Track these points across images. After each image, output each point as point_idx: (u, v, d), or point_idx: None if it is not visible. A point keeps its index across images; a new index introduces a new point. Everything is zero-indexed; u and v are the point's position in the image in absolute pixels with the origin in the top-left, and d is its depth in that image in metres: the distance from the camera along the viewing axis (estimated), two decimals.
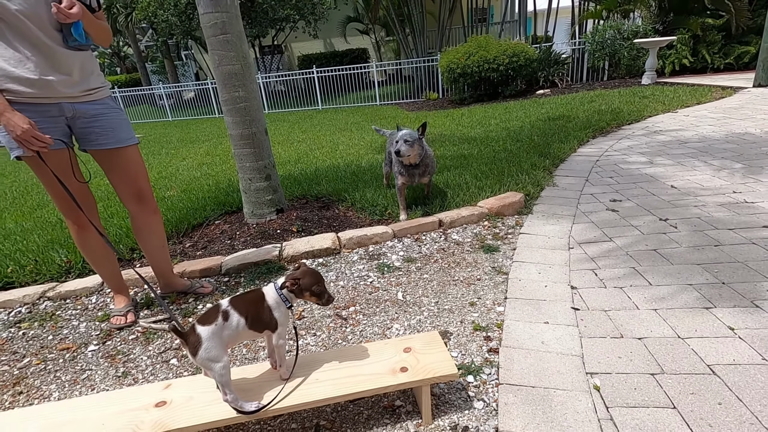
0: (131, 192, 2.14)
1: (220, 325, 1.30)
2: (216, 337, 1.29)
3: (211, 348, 1.28)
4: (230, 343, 1.35)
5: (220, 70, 3.07)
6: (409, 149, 2.92)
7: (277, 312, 1.40)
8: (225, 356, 1.30)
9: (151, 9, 12.52)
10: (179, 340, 1.30)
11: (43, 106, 1.84)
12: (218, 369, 1.29)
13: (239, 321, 1.34)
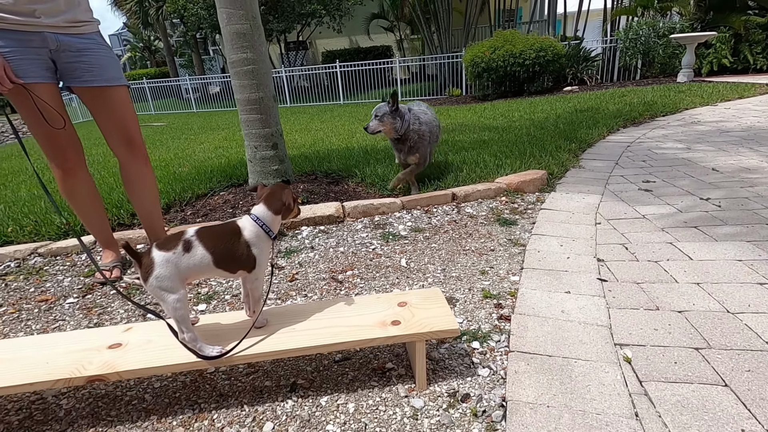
0: (120, 136, 2.00)
1: (178, 255, 1.11)
2: (171, 265, 1.10)
3: (164, 277, 1.09)
4: (190, 277, 1.16)
5: (228, 29, 2.94)
6: (379, 124, 2.71)
7: (256, 248, 1.21)
8: (181, 289, 1.12)
9: (180, 2, 12.75)
10: (133, 261, 1.12)
11: (25, 34, 1.72)
12: (171, 301, 1.10)
13: (203, 256, 1.14)
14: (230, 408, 1.21)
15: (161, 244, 1.13)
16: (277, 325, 1.27)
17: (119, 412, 1.24)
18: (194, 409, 1.22)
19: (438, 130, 3.05)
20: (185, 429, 1.16)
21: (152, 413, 1.22)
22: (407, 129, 2.75)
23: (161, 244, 1.13)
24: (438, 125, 3.05)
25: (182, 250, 1.12)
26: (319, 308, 1.35)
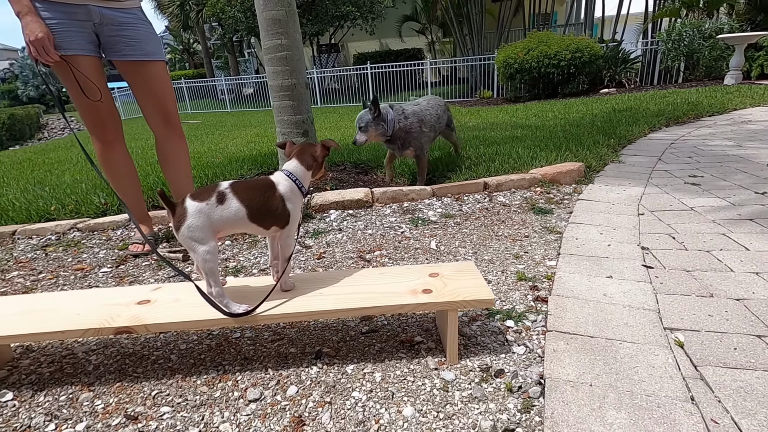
0: (157, 111, 2.04)
1: (211, 206, 1.10)
2: (203, 216, 1.09)
3: (196, 227, 1.08)
4: (222, 229, 1.14)
5: (263, 15, 2.98)
6: (364, 135, 2.65)
7: (290, 203, 1.19)
8: (212, 240, 1.10)
9: (219, 5, 13.17)
10: (166, 209, 1.11)
11: (71, 7, 1.78)
12: (201, 252, 1.09)
13: (238, 209, 1.12)
14: (254, 371, 1.19)
15: (195, 194, 1.11)
16: (304, 290, 1.23)
17: (145, 369, 1.23)
18: (218, 371, 1.20)
19: (438, 117, 2.93)
20: (209, 387, 1.13)
21: (177, 372, 1.21)
22: (393, 129, 2.67)
23: (195, 194, 1.11)
24: (439, 112, 2.94)
25: (216, 201, 1.10)
26: (348, 275, 1.31)
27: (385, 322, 1.39)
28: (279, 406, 1.06)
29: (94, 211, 2.91)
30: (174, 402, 1.09)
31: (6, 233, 2.57)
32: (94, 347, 1.36)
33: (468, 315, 1.40)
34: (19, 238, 2.54)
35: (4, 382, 1.22)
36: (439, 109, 2.98)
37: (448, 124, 3.19)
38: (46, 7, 1.74)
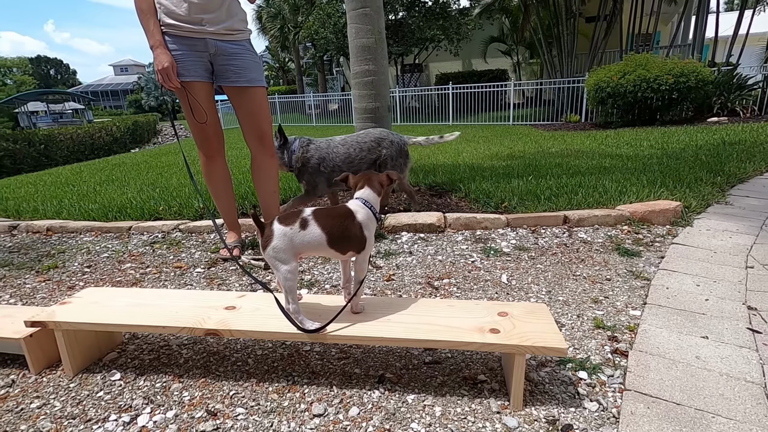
0: (254, 131, 2.26)
1: (294, 230, 1.20)
2: (287, 239, 1.18)
3: (280, 249, 1.18)
4: (303, 252, 1.23)
5: (354, 43, 3.17)
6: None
7: (367, 230, 1.26)
8: (293, 261, 1.19)
9: (314, 27, 14.19)
10: (257, 228, 1.23)
11: (192, 40, 2.06)
12: (283, 271, 1.18)
13: (320, 234, 1.21)
14: (320, 386, 1.25)
15: (282, 218, 1.22)
16: (373, 314, 1.28)
17: (226, 369, 1.36)
18: (288, 381, 1.28)
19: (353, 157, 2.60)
20: (279, 396, 1.22)
21: (252, 376, 1.31)
22: (293, 161, 2.53)
23: (282, 218, 1.22)
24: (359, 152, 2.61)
25: (299, 227, 1.20)
26: (415, 305, 1.33)
27: (449, 355, 1.38)
28: (340, 425, 1.10)
29: (193, 214, 3.27)
30: (248, 405, 1.19)
31: (123, 228, 2.98)
32: (186, 342, 1.53)
33: (536, 359, 1.35)
34: (133, 234, 2.93)
35: (114, 363, 1.42)
36: (363, 148, 2.63)
37: (385, 163, 2.68)
38: (173, 40, 2.04)
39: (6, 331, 1.38)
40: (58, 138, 12.84)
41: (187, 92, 2.07)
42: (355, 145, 2.63)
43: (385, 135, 2.70)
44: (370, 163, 2.66)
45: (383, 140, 2.67)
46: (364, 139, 2.66)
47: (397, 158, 2.70)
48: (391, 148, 2.67)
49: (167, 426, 1.12)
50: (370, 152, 2.64)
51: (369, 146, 2.64)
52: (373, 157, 2.65)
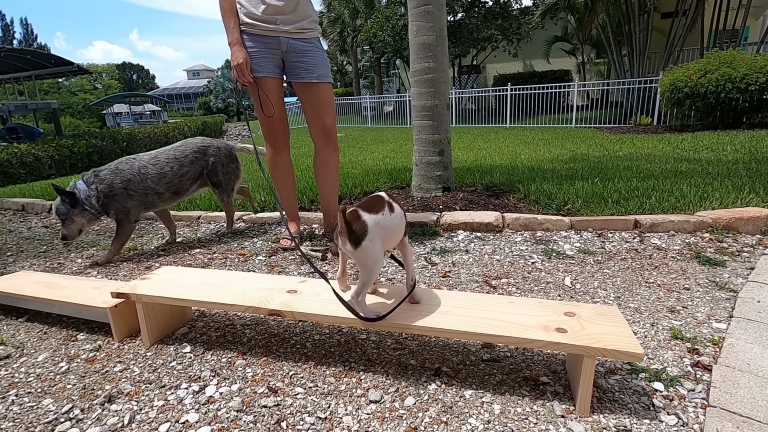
0: (319, 126, 2.33)
1: (385, 216, 1.15)
2: (380, 228, 1.13)
3: (375, 239, 1.11)
4: (389, 239, 1.19)
5: (415, 40, 3.17)
6: (73, 227, 2.27)
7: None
8: (382, 253, 1.18)
9: (373, 30, 14.41)
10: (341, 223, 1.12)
11: (267, 38, 2.16)
12: (371, 264, 1.14)
13: (401, 216, 1.21)
14: (376, 374, 1.25)
15: (365, 207, 1.15)
16: (430, 306, 1.26)
17: (285, 350, 1.40)
18: (345, 366, 1.30)
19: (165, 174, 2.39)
20: (335, 379, 1.24)
21: (310, 359, 1.34)
22: (95, 202, 2.27)
23: (365, 207, 1.15)
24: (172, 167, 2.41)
25: (388, 211, 1.16)
26: (474, 299, 1.30)
27: (508, 354, 1.33)
28: (396, 413, 1.10)
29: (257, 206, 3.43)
30: (306, 385, 1.22)
31: (193, 217, 3.19)
32: (248, 322, 1.60)
33: (605, 365, 1.26)
34: (202, 222, 3.13)
35: (185, 337, 1.52)
36: (183, 162, 2.44)
37: (215, 171, 2.54)
38: (250, 38, 2.16)
39: (96, 301, 1.53)
40: (137, 137, 14.05)
41: (258, 87, 2.17)
42: (171, 162, 2.42)
43: (209, 143, 2.58)
44: (196, 175, 2.51)
45: (208, 148, 2.54)
46: (184, 152, 2.48)
47: (228, 164, 2.61)
48: (219, 155, 2.57)
49: (232, 398, 1.18)
50: (194, 164, 2.49)
51: (191, 158, 2.48)
52: (198, 169, 2.51)
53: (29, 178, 10.07)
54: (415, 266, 2.08)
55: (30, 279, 1.82)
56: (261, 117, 2.30)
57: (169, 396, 1.20)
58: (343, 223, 1.12)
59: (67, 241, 2.32)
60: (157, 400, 1.19)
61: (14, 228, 3.35)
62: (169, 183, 2.41)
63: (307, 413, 1.10)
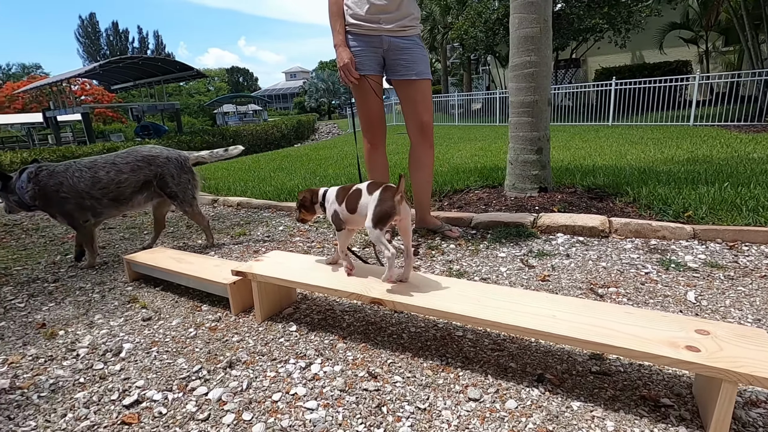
0: (416, 122, 2.35)
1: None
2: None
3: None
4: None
5: (516, 33, 3.04)
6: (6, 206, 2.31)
7: None
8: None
9: (464, 27, 14.13)
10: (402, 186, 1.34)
11: (370, 38, 2.23)
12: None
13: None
14: (474, 372, 1.24)
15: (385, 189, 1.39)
16: (535, 308, 1.21)
17: (383, 339, 1.44)
18: (441, 361, 1.30)
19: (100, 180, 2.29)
20: (433, 373, 1.24)
21: (407, 350, 1.37)
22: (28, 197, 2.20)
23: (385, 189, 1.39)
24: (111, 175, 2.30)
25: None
26: (586, 306, 1.22)
27: (621, 369, 1.23)
28: (497, 414, 1.07)
29: None
30: (405, 375, 1.24)
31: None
32: (347, 309, 1.68)
33: (743, 395, 1.10)
34: None
35: (291, 317, 1.64)
36: (123, 169, 2.33)
37: (165, 182, 2.41)
38: (354, 38, 2.25)
39: (217, 277, 1.72)
40: (242, 133, 15.47)
41: (368, 81, 2.25)
42: (108, 167, 2.33)
43: (158, 152, 2.45)
44: (139, 185, 2.39)
45: (156, 158, 2.42)
46: (125, 159, 2.37)
47: (180, 175, 2.47)
48: (168, 165, 2.43)
49: (335, 377, 1.24)
50: (135, 172, 2.37)
51: (133, 166, 2.37)
52: (141, 178, 2.39)
53: None
54: (511, 267, 2.00)
55: (165, 254, 2.11)
56: (362, 112, 2.39)
57: (279, 369, 1.31)
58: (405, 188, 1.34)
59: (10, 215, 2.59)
60: (269, 371, 1.30)
61: (148, 211, 3.89)
62: (104, 188, 2.32)
63: (406, 402, 1.13)
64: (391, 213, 1.32)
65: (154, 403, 1.18)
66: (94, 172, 2.30)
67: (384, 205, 1.33)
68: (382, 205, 1.33)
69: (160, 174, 2.40)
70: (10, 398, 1.24)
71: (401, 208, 1.33)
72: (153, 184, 2.43)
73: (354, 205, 1.43)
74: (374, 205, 1.35)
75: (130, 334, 1.59)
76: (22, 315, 1.82)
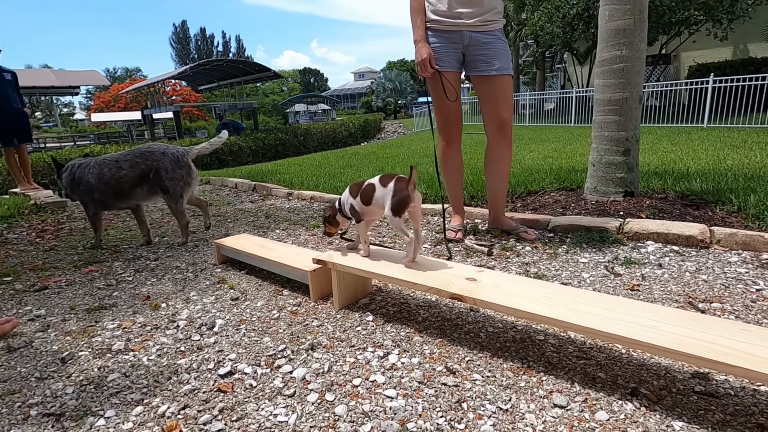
0: (494, 119, 2.30)
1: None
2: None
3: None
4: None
5: (606, 26, 2.85)
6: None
7: None
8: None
9: (539, 23, 13.52)
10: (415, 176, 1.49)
11: (451, 33, 2.22)
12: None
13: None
14: (559, 378, 1.18)
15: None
16: (630, 316, 1.13)
17: (459, 335, 1.43)
18: (523, 363, 1.26)
19: (102, 176, 2.53)
20: (514, 375, 1.21)
21: (485, 349, 1.34)
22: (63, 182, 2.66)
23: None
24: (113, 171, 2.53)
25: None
26: (691, 318, 1.11)
27: (731, 392, 1.10)
28: (587, 424, 1.01)
29: None
30: (484, 374, 1.22)
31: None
32: (421, 303, 1.69)
33: None
34: None
35: (366, 307, 1.68)
36: (122, 166, 2.53)
37: (159, 176, 2.53)
38: (434, 34, 2.25)
39: (299, 264, 1.80)
40: (312, 131, 16.11)
41: (442, 77, 2.24)
42: (111, 164, 2.55)
43: (155, 148, 2.60)
44: (138, 179, 2.55)
45: (152, 153, 2.57)
46: (126, 156, 2.58)
47: (175, 170, 2.58)
48: (164, 160, 2.56)
49: (413, 369, 1.26)
50: (133, 168, 2.54)
51: (132, 162, 2.54)
52: (138, 173, 2.55)
53: (234, 163, 12.52)
54: (594, 274, 1.89)
55: (250, 240, 2.26)
56: (438, 109, 2.38)
57: (358, 355, 1.35)
58: (416, 178, 1.48)
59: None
60: (348, 356, 1.34)
61: (231, 201, 4.20)
62: (107, 183, 2.54)
63: (487, 401, 1.11)
64: (407, 201, 1.48)
65: (245, 376, 1.27)
66: (100, 168, 2.56)
67: (400, 195, 1.48)
68: (399, 195, 1.48)
69: (155, 168, 2.55)
70: (125, 358, 1.40)
71: (414, 196, 1.50)
72: (150, 178, 2.58)
73: (369, 197, 1.57)
74: (391, 196, 1.50)
75: (221, 311, 1.72)
76: (130, 287, 2.04)
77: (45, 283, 2.13)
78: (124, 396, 1.20)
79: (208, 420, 1.08)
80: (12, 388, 1.26)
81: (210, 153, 2.78)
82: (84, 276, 2.23)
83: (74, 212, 3.42)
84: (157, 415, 1.11)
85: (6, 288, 2.11)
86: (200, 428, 1.06)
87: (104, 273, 2.26)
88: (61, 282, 2.15)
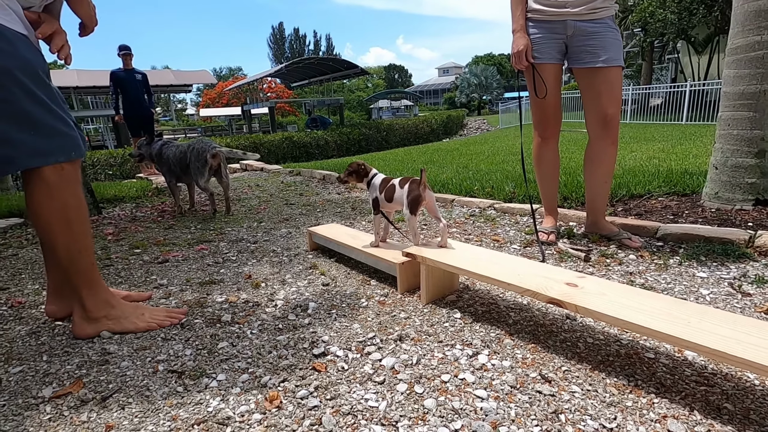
0: (598, 114, 2.12)
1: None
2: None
3: None
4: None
5: (743, 8, 2.48)
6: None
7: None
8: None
9: (650, 9, 12.18)
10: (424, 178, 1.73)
11: (553, 24, 2.08)
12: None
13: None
14: (674, 403, 1.06)
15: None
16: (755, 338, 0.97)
17: (554, 343, 1.35)
18: (629, 381, 1.15)
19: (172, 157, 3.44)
20: (618, 392, 1.11)
21: (584, 361, 1.25)
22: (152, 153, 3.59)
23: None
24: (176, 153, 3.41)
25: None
26: (750, 323, 0.93)
27: None
28: None
29: (504, 197, 3.45)
30: (584, 387, 1.14)
31: (448, 199, 3.47)
32: (512, 305, 1.62)
33: None
34: (455, 205, 3.36)
35: (454, 304, 1.66)
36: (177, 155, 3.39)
37: (190, 167, 3.36)
38: (534, 24, 2.13)
39: (388, 255, 1.84)
40: (394, 127, 16.31)
41: (535, 70, 2.13)
42: (174, 149, 3.44)
43: (194, 145, 3.33)
44: (185, 165, 3.36)
45: (190, 148, 3.33)
46: (181, 148, 3.41)
47: (195, 161, 3.30)
48: (192, 153, 3.31)
49: (504, 372, 1.21)
50: (182, 157, 3.37)
51: (181, 154, 3.38)
52: (186, 162, 3.35)
53: (320, 156, 13.15)
54: (716, 291, 1.66)
55: (340, 230, 2.35)
56: (535, 103, 2.26)
57: (446, 352, 1.34)
58: (426, 179, 1.74)
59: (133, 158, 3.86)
60: (436, 351, 1.34)
61: (319, 192, 4.41)
62: (170, 164, 3.45)
63: (588, 416, 1.03)
64: (419, 200, 1.74)
65: (337, 358, 1.33)
66: (170, 151, 3.46)
67: (414, 194, 1.74)
68: (412, 194, 1.75)
69: (188, 159, 3.35)
70: (231, 330, 1.55)
71: (426, 194, 1.74)
72: (188, 164, 3.39)
73: (390, 195, 1.85)
74: (406, 195, 1.76)
75: (313, 295, 1.82)
76: (234, 266, 2.25)
77: (166, 256, 2.43)
78: (232, 363, 1.33)
79: (305, 395, 1.15)
80: (143, 344, 1.46)
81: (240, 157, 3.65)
82: (196, 253, 2.50)
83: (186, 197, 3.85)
84: (260, 384, 1.21)
85: (137, 258, 2.45)
86: (298, 401, 1.13)
87: (212, 251, 2.52)
88: (179, 257, 2.43)
